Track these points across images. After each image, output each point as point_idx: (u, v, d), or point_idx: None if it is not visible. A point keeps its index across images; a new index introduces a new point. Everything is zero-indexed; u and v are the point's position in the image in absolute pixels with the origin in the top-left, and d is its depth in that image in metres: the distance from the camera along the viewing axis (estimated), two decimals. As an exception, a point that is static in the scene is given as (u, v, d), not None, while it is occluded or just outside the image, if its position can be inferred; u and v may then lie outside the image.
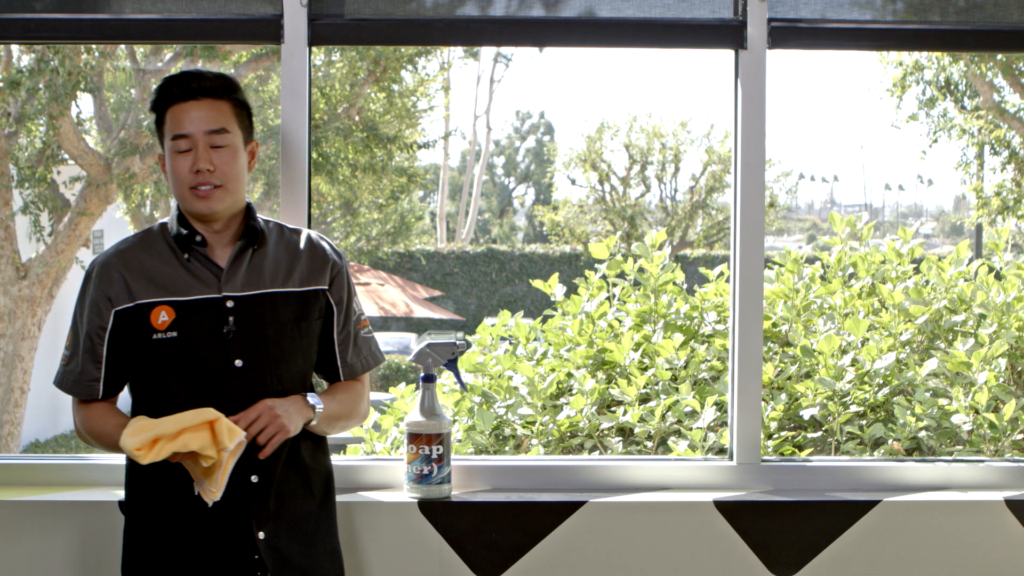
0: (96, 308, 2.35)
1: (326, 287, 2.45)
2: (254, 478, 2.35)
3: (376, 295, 15.97)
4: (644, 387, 3.48)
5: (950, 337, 3.73)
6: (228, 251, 2.38)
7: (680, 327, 3.73)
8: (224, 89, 2.36)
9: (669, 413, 3.38)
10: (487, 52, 26.67)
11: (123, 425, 2.29)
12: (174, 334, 2.32)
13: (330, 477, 2.49)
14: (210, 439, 2.22)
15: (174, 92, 2.35)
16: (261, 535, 2.34)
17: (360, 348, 2.52)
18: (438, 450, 2.76)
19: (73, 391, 2.39)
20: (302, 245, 2.45)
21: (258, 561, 2.34)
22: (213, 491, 2.25)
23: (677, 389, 3.45)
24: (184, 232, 2.37)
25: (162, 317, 2.32)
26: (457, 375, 2.94)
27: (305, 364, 2.43)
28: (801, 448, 3.39)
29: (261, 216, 2.45)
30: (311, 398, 2.39)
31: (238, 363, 2.33)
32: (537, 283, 3.94)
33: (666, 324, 3.73)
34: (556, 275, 3.92)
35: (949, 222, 31.64)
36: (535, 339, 3.85)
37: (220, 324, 2.33)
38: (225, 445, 2.22)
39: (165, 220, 2.43)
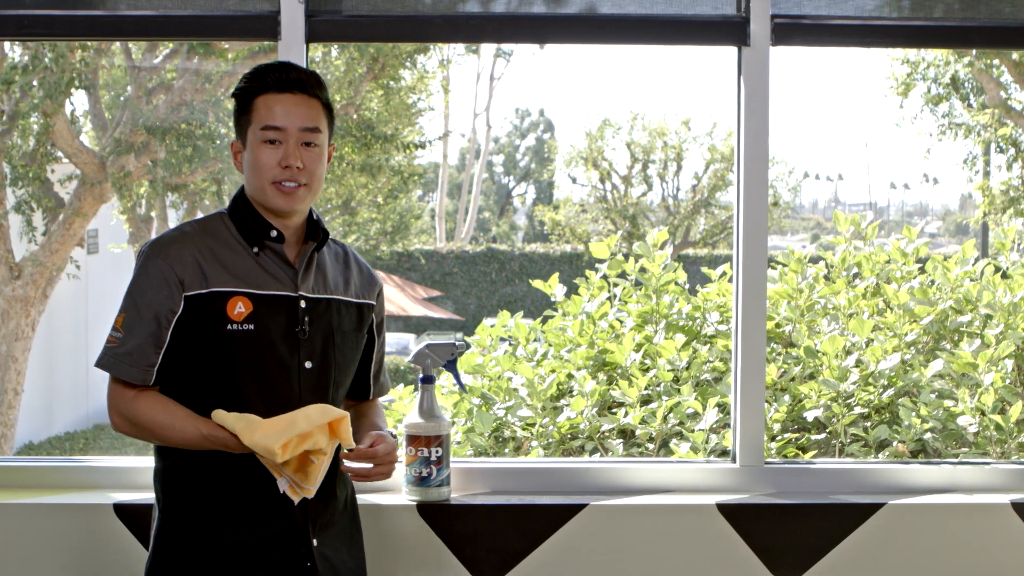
0: (167, 290, 2.23)
1: (374, 303, 2.45)
2: None
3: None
4: (645, 388, 3.45)
5: (956, 338, 3.70)
6: (295, 250, 2.34)
7: (682, 328, 3.70)
8: (318, 86, 2.32)
9: (671, 415, 3.35)
10: (488, 48, 26.63)
11: (195, 416, 2.22)
12: (251, 327, 2.24)
13: (354, 488, 2.48)
14: (328, 437, 2.18)
15: (268, 81, 2.28)
16: (315, 542, 2.31)
17: (385, 369, 2.54)
18: (437, 452, 2.73)
19: (127, 375, 2.24)
20: (350, 258, 2.44)
21: (310, 568, 2.30)
22: (309, 488, 2.21)
23: (679, 390, 3.42)
24: (257, 225, 2.31)
25: (239, 308, 2.24)
26: (456, 376, 2.92)
27: (353, 374, 2.42)
28: (805, 450, 3.36)
29: None
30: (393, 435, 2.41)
31: (308, 364, 2.29)
32: (537, 283, 3.92)
33: (668, 325, 3.70)
34: (556, 275, 3.90)
35: (955, 221, 31.63)
36: (535, 340, 3.82)
37: (294, 323, 2.28)
38: (350, 443, 2.20)
39: (223, 210, 2.37)
